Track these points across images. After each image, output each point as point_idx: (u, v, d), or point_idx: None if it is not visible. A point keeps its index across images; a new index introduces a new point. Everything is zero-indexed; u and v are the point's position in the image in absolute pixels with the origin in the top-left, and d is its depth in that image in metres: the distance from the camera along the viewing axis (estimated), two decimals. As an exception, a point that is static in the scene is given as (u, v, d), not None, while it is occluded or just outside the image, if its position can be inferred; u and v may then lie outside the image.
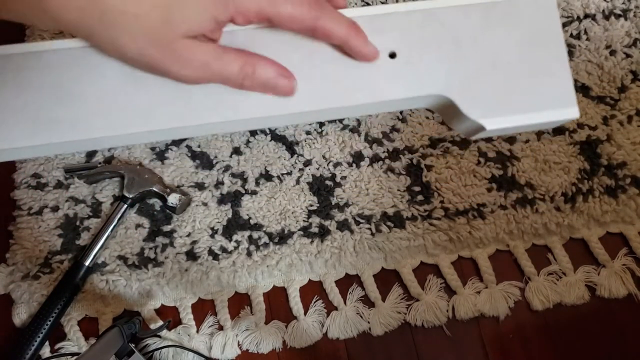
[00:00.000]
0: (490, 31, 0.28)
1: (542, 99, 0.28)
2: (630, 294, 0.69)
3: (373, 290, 0.70)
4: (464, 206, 0.72)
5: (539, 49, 0.28)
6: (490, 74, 0.28)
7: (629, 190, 0.72)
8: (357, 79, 0.28)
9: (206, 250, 0.70)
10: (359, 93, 0.28)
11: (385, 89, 0.28)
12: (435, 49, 0.28)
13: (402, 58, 0.28)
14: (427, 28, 0.28)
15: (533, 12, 0.28)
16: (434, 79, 0.28)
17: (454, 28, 0.28)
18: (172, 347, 0.67)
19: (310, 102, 0.27)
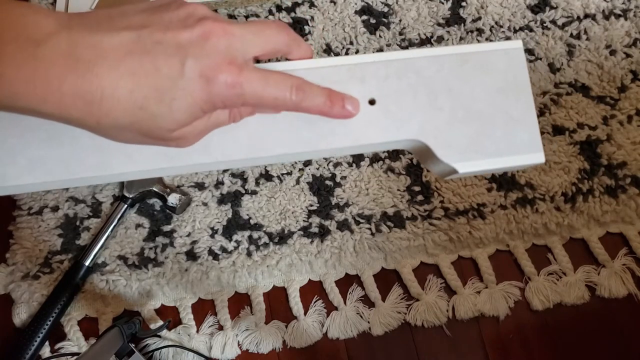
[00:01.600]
0: (463, 81, 0.30)
1: (510, 144, 0.30)
2: (630, 294, 0.69)
3: (373, 290, 0.70)
4: (464, 206, 0.72)
5: (509, 98, 0.30)
6: (463, 121, 0.30)
7: (629, 190, 0.72)
8: (337, 123, 0.29)
9: (206, 250, 0.70)
10: (339, 137, 0.29)
11: (364, 133, 0.30)
12: (411, 97, 0.30)
13: (380, 105, 0.30)
14: (404, 77, 0.30)
15: (503, 64, 0.31)
16: (411, 125, 0.30)
17: (429, 78, 0.30)
18: (172, 347, 0.67)
19: (289, 145, 0.29)
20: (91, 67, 0.22)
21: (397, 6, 0.83)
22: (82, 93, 0.22)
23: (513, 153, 0.30)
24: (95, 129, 0.24)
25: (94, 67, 0.22)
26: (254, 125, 0.29)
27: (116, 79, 0.22)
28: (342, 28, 0.81)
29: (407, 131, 0.30)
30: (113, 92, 0.22)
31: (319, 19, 0.82)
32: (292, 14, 0.82)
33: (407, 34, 0.81)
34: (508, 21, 0.82)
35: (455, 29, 0.81)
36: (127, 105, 0.23)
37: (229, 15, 0.83)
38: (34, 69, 0.21)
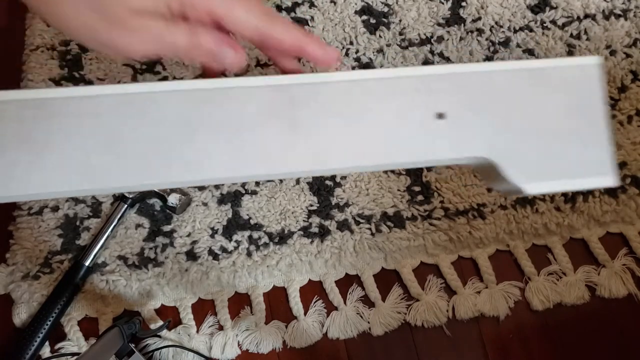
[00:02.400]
0: (534, 97, 0.29)
1: (581, 166, 0.28)
2: (630, 294, 0.69)
3: (373, 290, 0.70)
4: (464, 206, 0.72)
5: (582, 116, 0.29)
6: (532, 140, 0.28)
7: (629, 190, 0.72)
8: (402, 137, 0.28)
9: (206, 250, 0.70)
10: (403, 152, 0.28)
11: (429, 149, 0.28)
12: (484, 112, 0.28)
13: (450, 119, 0.28)
14: (479, 91, 0.28)
15: (578, 80, 0.29)
16: (480, 142, 0.28)
17: (499, 93, 0.28)
18: (172, 347, 0.67)
19: (353, 159, 0.28)
20: None
21: (397, 6, 0.83)
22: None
23: (583, 175, 0.28)
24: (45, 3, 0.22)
25: None
26: (320, 136, 0.27)
27: None
28: (342, 28, 0.81)
29: (475, 149, 0.28)
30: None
31: (319, 19, 0.82)
32: (292, 14, 0.82)
33: (407, 34, 0.81)
34: (508, 21, 0.82)
35: (455, 29, 0.81)
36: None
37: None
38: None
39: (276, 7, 0.83)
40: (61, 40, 0.84)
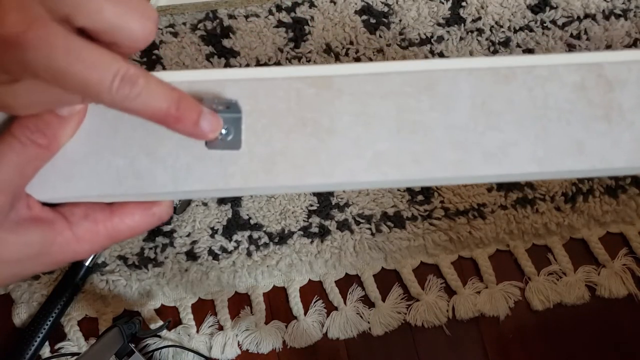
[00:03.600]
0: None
1: None
2: (630, 294, 0.69)
3: (373, 290, 0.70)
4: (464, 206, 0.72)
5: None
6: None
7: (629, 190, 0.72)
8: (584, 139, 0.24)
9: (206, 250, 0.70)
10: (584, 158, 0.24)
11: (610, 154, 0.24)
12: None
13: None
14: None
15: None
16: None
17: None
18: (172, 347, 0.67)
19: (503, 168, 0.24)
20: None
21: (397, 6, 0.83)
22: None
23: None
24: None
25: None
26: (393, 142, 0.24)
27: None
28: (342, 28, 0.81)
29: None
30: None
31: (319, 19, 0.82)
32: (292, 14, 0.82)
33: (407, 34, 0.81)
34: (508, 21, 0.81)
35: (455, 29, 0.81)
36: None
37: (229, 16, 0.83)
38: None
39: (276, 7, 0.83)
40: (61, 40, 0.84)
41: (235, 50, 0.81)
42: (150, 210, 0.25)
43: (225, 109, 0.23)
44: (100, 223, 0.24)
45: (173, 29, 0.83)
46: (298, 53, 0.80)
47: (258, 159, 0.24)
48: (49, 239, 0.23)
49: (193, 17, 0.83)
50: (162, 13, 0.84)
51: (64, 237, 0.23)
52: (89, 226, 0.23)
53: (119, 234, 0.24)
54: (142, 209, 0.24)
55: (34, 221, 0.22)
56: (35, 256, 0.22)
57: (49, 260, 0.23)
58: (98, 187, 0.24)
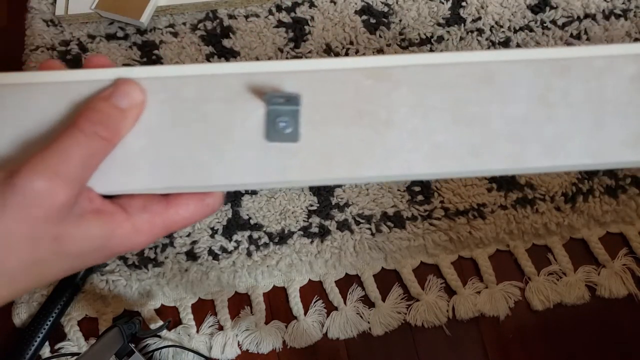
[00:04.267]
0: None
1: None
2: (630, 294, 0.69)
3: (373, 290, 0.70)
4: (464, 206, 0.72)
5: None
6: None
7: (629, 190, 0.72)
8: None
9: (206, 250, 0.70)
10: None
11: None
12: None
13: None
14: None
15: None
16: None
17: None
18: (172, 347, 0.67)
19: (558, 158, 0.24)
20: None
21: (397, 6, 0.83)
22: None
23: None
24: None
25: None
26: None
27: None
28: (342, 28, 0.81)
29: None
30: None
31: (319, 19, 0.82)
32: (292, 14, 0.82)
33: (407, 34, 0.81)
34: (508, 21, 0.82)
35: (455, 29, 0.81)
36: None
37: (229, 16, 0.83)
38: None
39: (276, 7, 0.83)
40: (61, 41, 0.84)
41: (235, 50, 0.81)
42: (204, 201, 0.25)
43: (285, 102, 0.23)
44: (157, 215, 0.24)
45: (173, 29, 0.83)
46: (298, 53, 0.80)
47: (316, 151, 0.24)
48: (109, 232, 0.23)
49: (193, 17, 0.83)
50: (162, 13, 0.84)
51: (123, 230, 0.23)
52: (147, 218, 0.24)
53: (175, 224, 0.25)
54: (197, 200, 0.25)
55: (95, 214, 0.23)
56: (96, 249, 0.23)
57: (108, 253, 0.24)
58: (158, 179, 0.24)
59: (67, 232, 0.21)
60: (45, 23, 0.85)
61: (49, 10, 0.86)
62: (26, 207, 0.20)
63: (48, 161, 0.21)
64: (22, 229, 0.20)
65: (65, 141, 0.21)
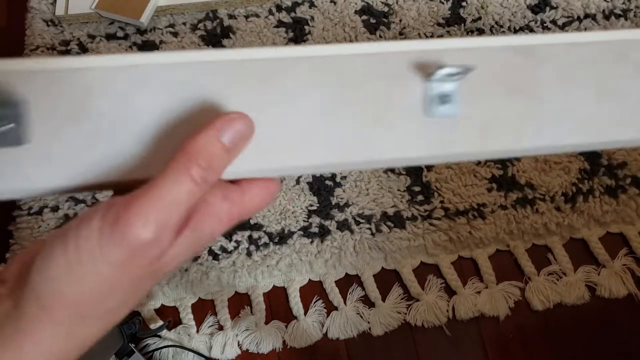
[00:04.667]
0: None
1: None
2: (630, 294, 0.69)
3: (373, 290, 0.69)
4: (464, 206, 0.72)
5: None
6: None
7: (629, 190, 0.72)
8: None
9: (206, 250, 0.70)
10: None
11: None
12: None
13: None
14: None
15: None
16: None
17: None
18: (172, 347, 0.67)
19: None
20: None
21: (397, 6, 0.83)
22: None
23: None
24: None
25: None
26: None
27: None
28: (342, 28, 0.81)
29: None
30: None
31: (319, 19, 0.82)
32: (292, 13, 0.82)
33: (407, 33, 0.81)
34: (508, 21, 0.81)
35: (455, 29, 0.81)
36: None
37: (229, 16, 0.83)
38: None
39: (276, 7, 0.83)
40: (61, 40, 0.84)
41: (235, 50, 0.81)
42: (269, 189, 0.25)
43: (451, 76, 0.24)
44: (235, 204, 0.24)
45: (173, 29, 0.83)
46: (298, 53, 0.80)
47: (475, 125, 0.25)
48: (199, 236, 0.22)
49: (193, 17, 0.83)
50: (162, 13, 0.84)
51: (209, 227, 0.23)
52: (227, 207, 0.23)
53: (247, 213, 0.24)
54: (265, 187, 0.25)
55: (186, 225, 0.22)
56: (189, 256, 0.23)
57: (196, 253, 0.23)
58: (321, 155, 0.24)
59: (166, 259, 0.21)
60: (45, 23, 0.85)
61: (49, 10, 0.86)
62: (132, 257, 0.19)
63: (155, 211, 0.19)
64: (126, 275, 0.20)
65: (174, 188, 0.20)
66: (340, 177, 0.74)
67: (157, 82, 0.23)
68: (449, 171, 0.73)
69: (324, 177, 0.74)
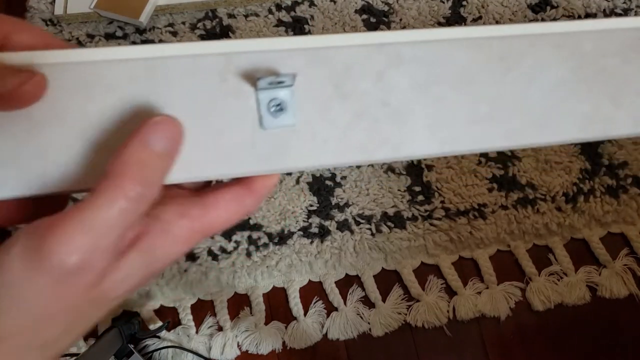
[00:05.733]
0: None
1: None
2: (631, 294, 0.69)
3: (373, 291, 0.69)
4: (465, 206, 0.72)
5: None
6: None
7: (630, 190, 0.72)
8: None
9: (205, 251, 0.70)
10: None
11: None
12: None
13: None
14: None
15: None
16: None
17: None
18: (171, 348, 0.67)
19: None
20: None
21: (398, 5, 0.82)
22: None
23: None
24: None
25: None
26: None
27: None
28: (342, 27, 0.81)
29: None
30: None
31: (319, 18, 0.82)
32: (292, 13, 0.82)
33: (407, 33, 0.81)
34: (509, 20, 0.81)
35: (455, 28, 0.81)
36: None
37: (229, 15, 0.82)
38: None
39: (276, 6, 0.83)
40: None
41: (235, 50, 0.80)
42: (242, 201, 0.23)
43: (279, 84, 0.23)
44: (196, 220, 0.22)
45: (172, 28, 0.82)
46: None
47: (312, 135, 0.23)
48: (150, 257, 0.20)
49: (192, 17, 0.83)
50: (161, 12, 0.83)
51: (163, 247, 0.21)
52: (186, 224, 0.21)
53: (213, 229, 0.22)
54: (236, 199, 0.23)
55: (132, 246, 0.20)
56: (140, 281, 0.21)
57: (150, 277, 0.21)
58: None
59: (108, 284, 0.19)
60: (44, 22, 0.85)
61: (47, 9, 0.85)
62: (60, 284, 0.18)
63: (82, 235, 0.18)
64: (61, 303, 0.18)
65: (104, 208, 0.18)
66: (340, 177, 0.73)
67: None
68: (450, 171, 0.73)
69: (324, 177, 0.73)
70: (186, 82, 0.22)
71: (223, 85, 0.22)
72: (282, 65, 0.22)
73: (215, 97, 0.22)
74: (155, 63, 0.22)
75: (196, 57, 0.22)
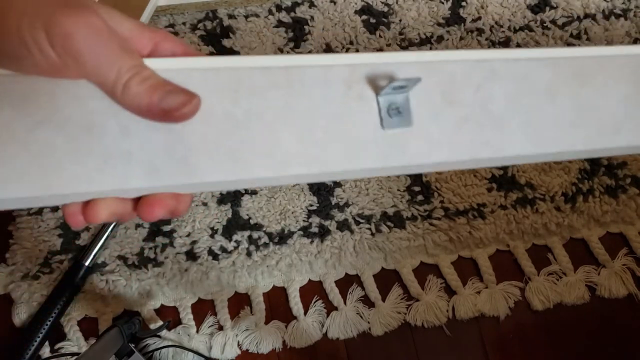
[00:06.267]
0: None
1: None
2: (630, 294, 0.69)
3: (373, 290, 0.69)
4: (464, 206, 0.72)
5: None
6: None
7: (629, 190, 0.72)
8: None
9: (206, 250, 0.70)
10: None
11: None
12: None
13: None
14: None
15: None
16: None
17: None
18: (172, 347, 0.67)
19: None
20: None
21: (397, 6, 0.83)
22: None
23: None
24: None
25: None
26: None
27: None
28: (342, 28, 0.81)
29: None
30: None
31: (319, 18, 0.82)
32: (292, 13, 0.82)
33: (407, 33, 0.81)
34: (508, 21, 0.81)
35: (455, 28, 0.81)
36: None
37: (229, 16, 0.83)
38: None
39: (276, 7, 0.83)
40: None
41: (235, 50, 0.81)
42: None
43: (400, 89, 0.26)
44: None
45: (173, 29, 0.83)
46: (298, 53, 0.80)
47: (430, 136, 0.27)
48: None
49: (193, 17, 0.83)
50: (162, 13, 0.84)
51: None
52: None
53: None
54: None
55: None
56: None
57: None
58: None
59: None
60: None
61: (48, 10, 0.85)
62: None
63: None
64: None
65: None
66: (340, 177, 0.74)
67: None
68: (449, 171, 0.73)
69: (323, 177, 0.74)
70: (318, 88, 0.25)
71: (349, 91, 0.25)
72: (398, 75, 0.26)
73: (342, 102, 0.25)
74: (293, 72, 0.25)
75: (326, 67, 0.25)
